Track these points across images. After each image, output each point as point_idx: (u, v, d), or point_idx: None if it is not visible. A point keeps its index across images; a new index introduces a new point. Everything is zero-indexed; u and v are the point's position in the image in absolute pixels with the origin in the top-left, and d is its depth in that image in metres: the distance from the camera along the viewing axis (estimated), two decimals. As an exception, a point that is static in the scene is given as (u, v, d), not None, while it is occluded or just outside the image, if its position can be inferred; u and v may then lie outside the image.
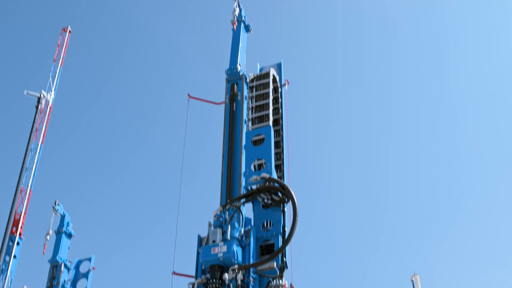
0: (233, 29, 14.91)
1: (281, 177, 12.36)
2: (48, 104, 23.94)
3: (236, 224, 10.91)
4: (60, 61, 25.06)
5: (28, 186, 21.74)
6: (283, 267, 10.55)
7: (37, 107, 23.46)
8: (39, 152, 22.67)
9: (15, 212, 20.75)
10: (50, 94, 24.11)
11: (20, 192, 21.41)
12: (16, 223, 20.62)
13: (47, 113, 23.72)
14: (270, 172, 11.52)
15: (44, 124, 23.38)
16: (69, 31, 25.77)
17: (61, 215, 18.96)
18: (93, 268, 16.99)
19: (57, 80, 24.58)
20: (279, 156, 12.71)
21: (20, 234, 20.48)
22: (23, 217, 20.82)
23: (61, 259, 17.17)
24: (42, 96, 23.70)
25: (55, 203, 18.96)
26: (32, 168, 22.12)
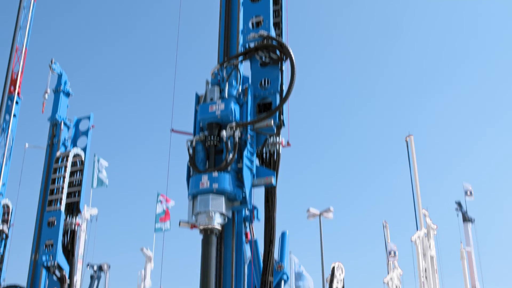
0: None
1: (280, 35, 12.12)
2: (39, -41, 23.03)
3: (233, 82, 10.84)
4: None
5: (23, 45, 21.50)
6: (280, 124, 10.61)
7: (27, -38, 22.62)
8: (32, 10, 22.18)
9: (12, 71, 20.68)
10: (40, -51, 23.14)
11: (16, 51, 21.21)
12: (13, 82, 20.62)
13: (38, -31, 22.88)
14: (268, 30, 11.27)
15: (36, -20, 22.63)
16: None
17: (58, 74, 18.86)
18: (93, 126, 17.16)
19: None
20: (277, 13, 12.38)
21: (18, 93, 20.55)
22: (20, 76, 20.78)
23: (60, 117, 17.29)
24: (31, -50, 22.77)
25: (51, 62, 18.81)
26: (26, 27, 21.75)
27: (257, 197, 10.24)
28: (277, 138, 10.54)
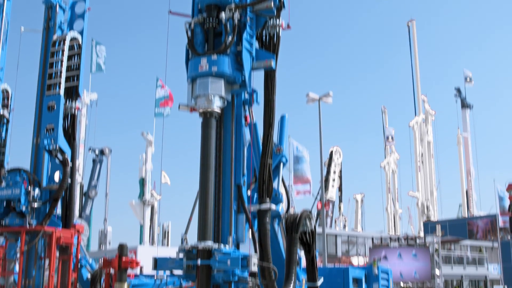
0: None
1: None
2: None
3: (232, -40, 10.44)
4: None
5: None
6: (280, 6, 10.31)
7: None
8: None
9: (2, -49, 19.91)
10: None
11: None
12: (5, -37, 19.93)
13: None
14: None
15: None
16: None
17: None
18: (89, 9, 16.71)
19: None
20: None
21: (10, -26, 19.91)
22: (12, -43, 20.04)
23: (55, -1, 16.81)
24: None
25: None
26: None
27: (257, 80, 10.19)
28: (277, 20, 10.32)
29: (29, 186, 13.04)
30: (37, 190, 13.18)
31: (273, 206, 9.81)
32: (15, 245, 12.89)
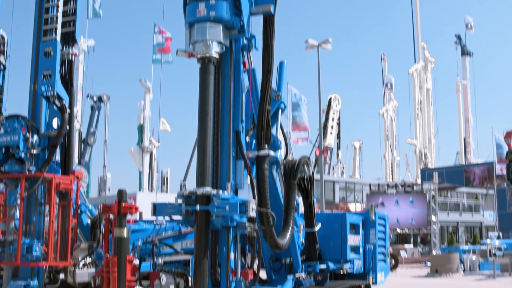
0: None
1: None
2: None
3: None
4: None
5: None
6: (279, -50, 10.11)
7: None
8: None
9: None
10: None
11: None
12: None
13: None
14: None
15: None
16: None
17: None
18: (84, -48, 16.44)
19: None
20: None
21: None
22: None
23: None
24: None
25: None
26: None
27: (255, 26, 10.06)
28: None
29: (28, 133, 13.02)
30: (35, 137, 13.17)
31: (272, 153, 9.81)
32: (15, 191, 12.95)
